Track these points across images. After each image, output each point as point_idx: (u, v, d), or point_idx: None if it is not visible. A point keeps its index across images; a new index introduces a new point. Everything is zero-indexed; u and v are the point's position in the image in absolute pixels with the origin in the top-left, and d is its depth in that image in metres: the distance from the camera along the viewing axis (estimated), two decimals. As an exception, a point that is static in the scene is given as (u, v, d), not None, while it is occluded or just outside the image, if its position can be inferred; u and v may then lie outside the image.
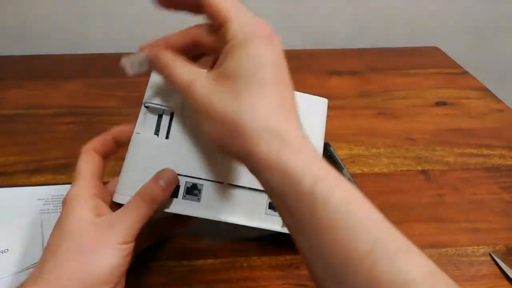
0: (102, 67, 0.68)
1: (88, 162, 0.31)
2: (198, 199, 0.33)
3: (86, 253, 0.26)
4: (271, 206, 0.35)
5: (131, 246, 0.28)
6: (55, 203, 0.41)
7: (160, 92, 0.35)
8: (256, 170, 0.25)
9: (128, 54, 0.30)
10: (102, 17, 0.73)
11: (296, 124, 0.25)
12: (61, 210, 0.29)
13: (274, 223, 0.35)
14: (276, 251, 0.38)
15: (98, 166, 0.32)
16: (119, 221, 0.28)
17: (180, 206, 0.32)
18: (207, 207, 0.33)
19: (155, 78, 0.37)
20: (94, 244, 0.26)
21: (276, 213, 0.35)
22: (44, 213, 0.40)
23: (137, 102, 0.39)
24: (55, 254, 0.26)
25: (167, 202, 0.32)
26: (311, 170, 0.23)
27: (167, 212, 0.35)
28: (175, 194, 0.32)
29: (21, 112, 0.57)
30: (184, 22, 0.29)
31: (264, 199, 0.35)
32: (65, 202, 0.29)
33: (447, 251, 0.39)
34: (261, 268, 0.36)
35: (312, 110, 0.38)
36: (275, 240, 0.39)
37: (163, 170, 0.30)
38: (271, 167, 0.23)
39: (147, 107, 0.35)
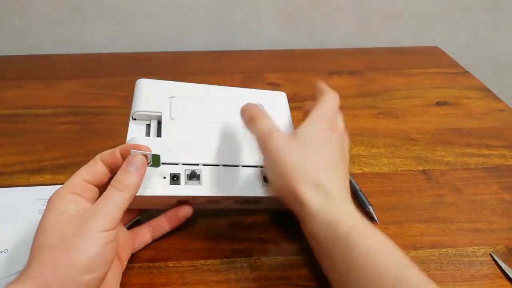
0: (101, 67, 0.68)
1: (88, 167, 0.32)
2: (200, 182, 0.35)
3: (66, 246, 0.27)
4: (266, 180, 0.37)
5: (113, 232, 0.28)
6: (54, 203, 0.41)
7: (146, 101, 0.38)
8: (304, 217, 0.32)
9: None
10: (101, 16, 0.72)
11: (339, 183, 0.33)
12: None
13: (271, 192, 0.37)
14: (276, 251, 0.38)
15: (94, 172, 0.32)
16: (97, 211, 0.28)
17: (184, 190, 0.34)
18: (209, 187, 0.35)
19: (139, 89, 0.39)
20: (73, 236, 0.27)
21: None
22: (43, 213, 0.40)
23: (136, 102, 0.39)
24: (38, 252, 0.27)
25: (171, 190, 0.34)
26: (346, 220, 0.30)
27: (165, 207, 0.37)
28: (176, 181, 0.34)
29: (20, 112, 0.57)
30: (185, 20, 0.29)
31: (258, 173, 0.37)
32: (48, 201, 0.30)
33: (448, 251, 0.39)
34: (261, 268, 0.36)
35: (275, 105, 0.43)
36: (275, 239, 0.39)
37: (131, 156, 0.31)
38: (317, 215, 0.31)
39: (134, 119, 0.38)
